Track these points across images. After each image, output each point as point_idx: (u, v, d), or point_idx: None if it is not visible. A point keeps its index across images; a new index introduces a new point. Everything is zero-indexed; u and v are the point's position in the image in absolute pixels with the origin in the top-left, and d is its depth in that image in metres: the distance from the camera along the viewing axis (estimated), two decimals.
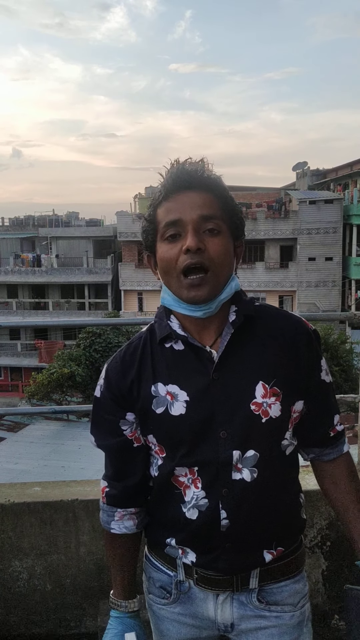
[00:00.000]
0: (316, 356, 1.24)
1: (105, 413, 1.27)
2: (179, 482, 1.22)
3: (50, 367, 20.37)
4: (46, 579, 2.26)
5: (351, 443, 5.57)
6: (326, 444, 1.30)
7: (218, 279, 1.15)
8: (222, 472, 1.17)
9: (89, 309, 35.94)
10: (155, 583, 1.33)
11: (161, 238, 1.17)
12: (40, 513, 2.22)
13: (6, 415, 13.35)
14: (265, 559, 1.22)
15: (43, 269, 36.01)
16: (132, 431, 1.26)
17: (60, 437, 13.97)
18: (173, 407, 1.18)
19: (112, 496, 1.31)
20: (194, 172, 1.15)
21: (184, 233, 1.13)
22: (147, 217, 1.20)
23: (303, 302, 30.49)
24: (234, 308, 1.21)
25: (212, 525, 1.19)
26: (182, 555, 1.25)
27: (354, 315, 2.58)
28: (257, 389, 1.17)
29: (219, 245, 1.14)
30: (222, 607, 1.24)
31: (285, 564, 1.26)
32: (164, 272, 1.18)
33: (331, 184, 36.18)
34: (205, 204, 1.14)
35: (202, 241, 1.12)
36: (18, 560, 2.25)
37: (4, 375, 34.77)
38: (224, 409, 1.16)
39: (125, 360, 1.26)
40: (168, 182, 1.15)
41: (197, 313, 1.16)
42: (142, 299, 33.80)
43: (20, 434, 14.35)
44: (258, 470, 1.18)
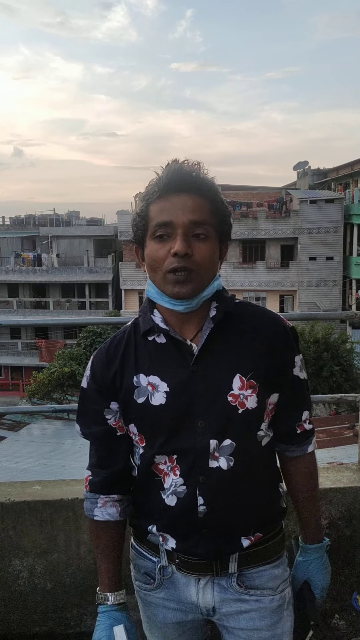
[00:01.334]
0: (291, 352, 1.30)
1: (91, 403, 1.33)
2: (158, 470, 1.28)
3: (51, 366, 20.39)
4: (46, 578, 2.26)
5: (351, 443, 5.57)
6: (291, 441, 1.37)
7: (202, 279, 1.21)
8: (199, 460, 1.23)
9: (89, 308, 35.94)
10: (140, 570, 1.38)
11: (151, 236, 1.21)
12: (41, 512, 2.22)
13: (6, 414, 13.36)
14: (242, 544, 1.27)
15: (44, 268, 36.00)
16: (116, 420, 1.32)
17: (60, 436, 13.97)
18: (154, 397, 1.24)
19: (95, 483, 1.35)
20: (189, 175, 1.19)
21: (173, 235, 1.18)
22: (139, 211, 1.23)
23: (304, 301, 30.47)
24: (215, 304, 1.26)
25: (189, 511, 1.24)
26: (162, 542, 1.30)
27: (354, 314, 2.58)
28: (235, 381, 1.22)
29: (206, 250, 1.20)
30: (204, 591, 1.29)
31: (263, 549, 1.31)
32: (151, 268, 1.23)
33: (332, 184, 36.15)
34: (196, 208, 1.18)
35: (190, 246, 1.18)
36: (18, 559, 2.25)
37: (5, 374, 34.78)
38: (202, 400, 1.22)
39: (110, 353, 1.31)
40: (163, 182, 1.19)
41: (179, 307, 1.22)
42: (142, 298, 33.63)
43: (21, 433, 14.34)
44: (234, 459, 1.23)
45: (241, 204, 34.10)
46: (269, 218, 31.45)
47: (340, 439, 8.38)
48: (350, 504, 2.31)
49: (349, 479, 2.38)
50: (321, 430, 9.34)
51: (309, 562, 1.41)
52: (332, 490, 2.30)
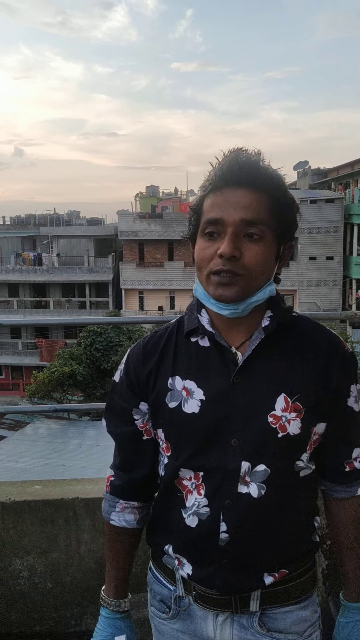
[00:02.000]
0: (347, 379, 1.16)
1: (120, 399, 1.24)
2: (182, 486, 1.17)
3: (51, 365, 20.37)
4: (47, 577, 2.26)
5: None
6: (339, 480, 1.21)
7: (250, 283, 1.08)
8: (227, 483, 1.11)
9: (89, 308, 35.94)
10: (155, 596, 1.28)
11: (201, 232, 1.11)
12: (41, 511, 2.22)
13: (7, 413, 13.37)
14: (265, 581, 1.14)
15: (44, 268, 36.00)
16: (144, 422, 1.22)
17: (61, 436, 13.98)
18: (187, 404, 1.13)
19: (116, 486, 1.28)
20: (246, 167, 1.06)
21: (222, 234, 1.07)
22: (193, 206, 1.14)
23: (304, 301, 30.46)
24: (269, 313, 1.14)
25: (210, 536, 1.13)
26: (178, 566, 1.20)
27: (354, 314, 2.59)
28: (278, 401, 1.10)
29: (257, 252, 1.07)
30: (222, 628, 1.17)
31: (290, 587, 1.17)
32: (197, 267, 1.13)
33: (332, 183, 36.13)
34: (252, 205, 1.05)
35: (238, 247, 1.06)
36: (19, 559, 2.25)
37: (5, 374, 34.79)
38: (239, 416, 1.10)
39: (148, 349, 1.21)
40: (217, 174, 1.07)
41: (224, 312, 1.10)
42: (142, 298, 33.80)
43: (21, 433, 14.35)
44: (267, 487, 1.10)
45: None
46: None
47: None
48: None
49: None
50: None
51: (353, 625, 1.22)
52: None
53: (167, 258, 33.35)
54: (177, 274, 32.86)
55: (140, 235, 33.07)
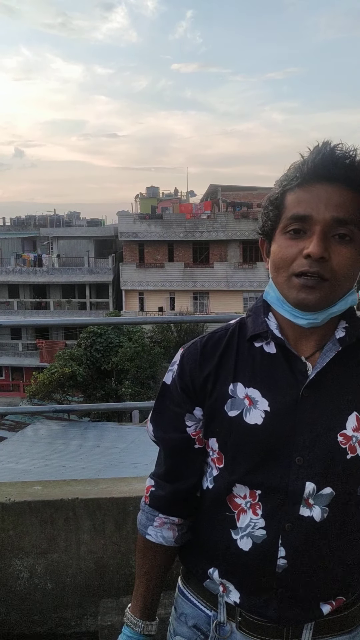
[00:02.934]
0: None
1: (172, 403, 1.13)
2: (234, 504, 1.07)
3: (52, 366, 20.39)
4: (46, 578, 2.26)
5: None
6: None
7: (335, 290, 0.99)
8: (289, 504, 1.01)
9: (90, 309, 35.98)
10: (187, 621, 1.15)
11: (283, 229, 1.00)
12: (41, 512, 2.22)
13: (7, 414, 13.37)
14: (322, 611, 1.05)
15: (44, 269, 36.05)
16: (197, 430, 1.12)
17: (61, 437, 13.98)
18: (249, 414, 1.03)
19: (158, 498, 1.16)
20: (341, 162, 0.96)
21: (309, 233, 0.97)
22: (272, 199, 1.02)
23: None
24: (344, 324, 1.05)
25: (266, 562, 1.03)
26: (223, 592, 1.09)
27: None
28: (350, 419, 1.01)
29: (347, 256, 0.97)
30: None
31: (344, 616, 1.09)
32: (276, 267, 1.02)
33: None
34: (344, 203, 0.96)
35: (327, 249, 0.96)
36: (19, 559, 2.25)
37: (5, 375, 34.81)
38: (307, 433, 1.01)
39: (206, 350, 1.11)
40: (308, 166, 0.97)
41: (301, 321, 1.01)
42: (143, 299, 33.83)
43: (22, 434, 14.35)
44: (331, 510, 1.01)
45: (242, 205, 34.10)
46: None
47: None
48: None
49: None
50: None
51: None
52: None
53: (167, 259, 33.39)
54: (177, 274, 32.89)
55: (140, 236, 33.09)
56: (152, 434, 1.18)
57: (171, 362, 1.17)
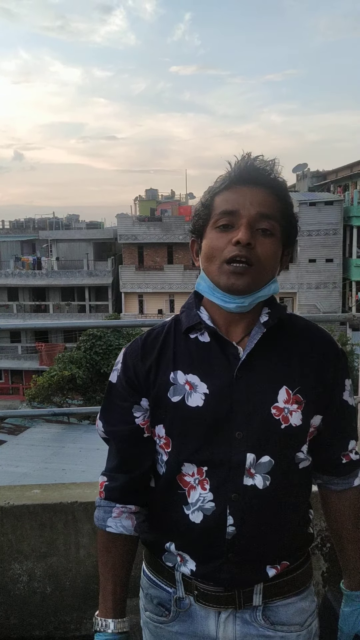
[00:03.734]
0: (342, 374, 1.21)
1: (119, 399, 1.22)
2: (184, 482, 1.16)
3: (51, 369, 20.35)
4: (46, 582, 2.26)
5: None
6: (335, 472, 1.24)
7: (260, 276, 1.12)
8: (233, 475, 1.12)
9: (89, 312, 35.96)
10: (152, 600, 1.25)
11: (213, 225, 1.13)
12: (40, 515, 2.22)
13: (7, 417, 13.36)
14: (268, 573, 1.16)
15: (43, 272, 36.02)
16: (145, 420, 1.20)
17: (60, 440, 13.95)
18: (190, 398, 1.13)
19: (112, 489, 1.23)
20: (262, 170, 1.12)
21: (237, 225, 1.10)
22: (203, 201, 1.16)
23: (304, 303, 30.47)
24: (267, 310, 1.18)
25: (216, 531, 1.12)
26: (180, 562, 1.18)
27: (352, 316, 2.58)
28: (280, 393, 1.13)
29: (269, 246, 1.11)
30: (225, 626, 1.17)
31: (291, 579, 1.19)
32: (207, 257, 1.14)
33: (331, 186, 36.18)
34: (266, 202, 1.11)
35: (253, 238, 1.09)
36: (18, 563, 2.24)
37: (5, 378, 34.77)
38: (244, 409, 1.12)
39: (146, 345, 1.22)
40: (234, 173, 1.12)
41: (230, 305, 1.12)
42: (142, 301, 33.81)
43: (21, 437, 14.33)
44: (271, 478, 1.12)
45: None
46: None
47: None
48: None
49: None
50: None
51: (357, 612, 1.26)
52: None
53: (167, 261, 33.38)
54: (176, 277, 32.87)
55: (139, 238, 33.10)
56: (102, 429, 1.26)
57: (115, 362, 1.27)
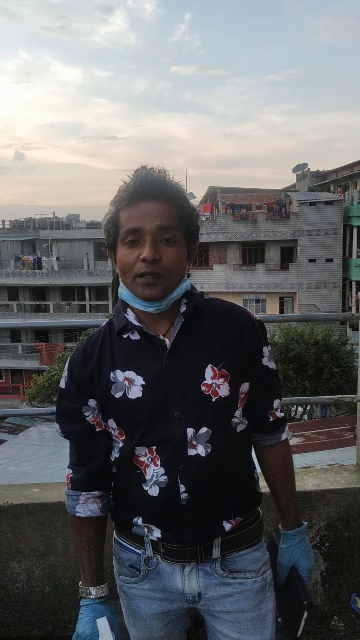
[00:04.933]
0: (259, 343, 1.37)
1: (69, 402, 1.37)
2: (139, 462, 1.32)
3: (51, 369, 20.34)
4: (44, 581, 2.26)
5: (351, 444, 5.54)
6: (265, 429, 1.43)
7: (170, 282, 1.27)
8: (178, 449, 1.27)
9: (89, 311, 35.94)
10: (124, 563, 1.41)
11: (122, 241, 1.26)
12: (39, 514, 2.22)
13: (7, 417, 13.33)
14: (225, 528, 1.32)
15: (44, 271, 36.01)
16: (94, 417, 1.36)
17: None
18: (130, 391, 1.29)
19: (76, 480, 1.39)
20: (155, 182, 1.24)
21: (142, 241, 1.23)
22: (109, 218, 1.28)
23: (304, 303, 30.46)
24: (185, 301, 1.33)
25: (172, 500, 1.28)
26: (148, 533, 1.34)
27: (352, 316, 2.58)
28: (207, 371, 1.28)
29: (173, 254, 1.25)
30: (189, 578, 1.34)
31: (244, 533, 1.37)
32: (122, 272, 1.29)
33: (331, 186, 36.15)
34: (163, 214, 1.23)
35: (158, 251, 1.23)
36: (16, 562, 2.25)
37: (5, 378, 34.76)
38: (177, 391, 1.27)
39: (86, 351, 1.36)
40: (131, 189, 1.24)
41: (150, 309, 1.28)
42: None
43: (21, 436, 14.31)
44: (212, 445, 1.29)
45: (241, 207, 34.08)
46: (268, 220, 31.46)
47: (340, 441, 8.36)
48: (348, 505, 2.30)
49: (347, 480, 2.38)
50: (322, 432, 9.33)
51: (292, 548, 1.46)
52: (330, 491, 2.30)
53: None
54: None
55: None
56: (60, 431, 1.43)
57: (64, 369, 1.40)
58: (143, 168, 1.27)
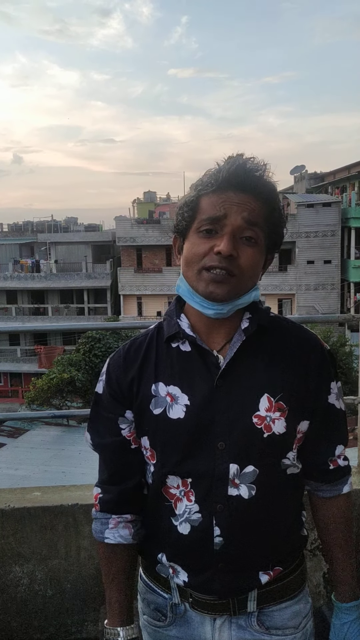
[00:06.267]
0: (327, 377, 1.19)
1: (104, 410, 1.22)
2: (169, 494, 1.16)
3: (50, 372, 20.32)
4: (47, 584, 2.26)
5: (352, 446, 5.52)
6: (323, 479, 1.23)
7: (241, 285, 1.10)
8: (217, 487, 1.11)
9: (88, 314, 35.91)
10: (149, 605, 1.26)
11: (196, 228, 1.10)
12: (41, 518, 2.22)
13: (6, 420, 13.34)
14: (261, 580, 1.15)
15: (42, 275, 36.00)
16: (131, 431, 1.21)
17: (60, 443, 13.94)
18: (172, 410, 1.13)
19: (107, 501, 1.23)
20: (252, 174, 1.08)
21: (220, 232, 1.08)
22: (188, 201, 1.12)
23: (302, 305, 30.48)
24: (248, 315, 1.16)
25: (204, 542, 1.13)
26: (173, 574, 1.19)
27: (352, 317, 2.59)
28: (262, 401, 1.11)
29: (252, 256, 1.10)
30: (220, 631, 1.18)
31: (284, 584, 1.19)
32: (187, 262, 1.12)
33: (329, 187, 36.23)
34: (253, 210, 1.08)
35: (236, 248, 1.07)
36: (19, 566, 2.24)
37: (4, 381, 34.71)
38: (225, 419, 1.11)
39: (129, 356, 1.21)
40: (223, 175, 1.07)
41: (209, 311, 1.11)
42: (141, 304, 33.79)
43: (21, 440, 14.31)
44: (257, 487, 1.12)
45: None
46: None
47: None
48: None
49: None
50: None
51: (348, 625, 1.23)
52: None
53: (165, 263, 33.36)
54: (175, 279, 32.31)
55: (138, 240, 33.09)
56: (90, 442, 1.26)
57: (101, 372, 1.25)
58: (240, 155, 1.10)
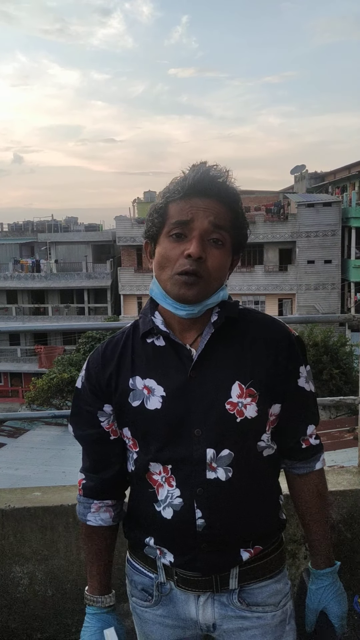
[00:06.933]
0: (296, 362, 1.25)
1: (84, 404, 1.30)
2: (152, 480, 1.23)
3: (50, 372, 20.33)
4: (47, 585, 2.25)
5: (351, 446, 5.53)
6: (297, 457, 1.31)
7: (209, 286, 1.17)
8: (196, 471, 1.18)
9: (88, 314, 35.93)
10: (137, 586, 1.33)
11: (166, 233, 1.17)
12: (41, 518, 2.22)
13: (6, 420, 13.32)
14: (242, 557, 1.22)
15: (42, 274, 36.02)
16: (109, 423, 1.28)
17: (60, 443, 13.93)
18: (149, 401, 1.20)
19: (89, 488, 1.33)
20: (216, 181, 1.15)
21: (189, 236, 1.14)
22: (157, 208, 1.19)
23: (302, 305, 30.47)
24: (217, 309, 1.23)
25: (187, 525, 1.19)
26: (160, 555, 1.26)
27: (352, 317, 2.58)
28: (233, 388, 1.18)
29: (219, 257, 1.17)
30: (204, 608, 1.25)
31: (264, 563, 1.26)
32: (160, 266, 1.19)
33: (329, 187, 36.22)
34: (218, 213, 1.15)
35: (204, 250, 1.14)
36: (19, 566, 2.24)
37: (4, 381, 34.72)
38: (199, 407, 1.17)
39: (106, 354, 1.28)
40: (189, 183, 1.14)
41: (180, 312, 1.18)
42: (141, 303, 33.78)
43: (21, 440, 14.30)
44: (233, 470, 1.18)
45: None
46: (267, 222, 31.51)
47: (340, 442, 8.36)
48: (350, 506, 2.31)
49: (349, 482, 2.38)
50: (321, 433, 9.33)
51: (322, 590, 1.33)
52: (332, 493, 2.29)
53: None
54: None
55: (138, 240, 33.06)
56: (73, 433, 1.35)
57: (81, 369, 1.33)
58: (203, 163, 1.17)
